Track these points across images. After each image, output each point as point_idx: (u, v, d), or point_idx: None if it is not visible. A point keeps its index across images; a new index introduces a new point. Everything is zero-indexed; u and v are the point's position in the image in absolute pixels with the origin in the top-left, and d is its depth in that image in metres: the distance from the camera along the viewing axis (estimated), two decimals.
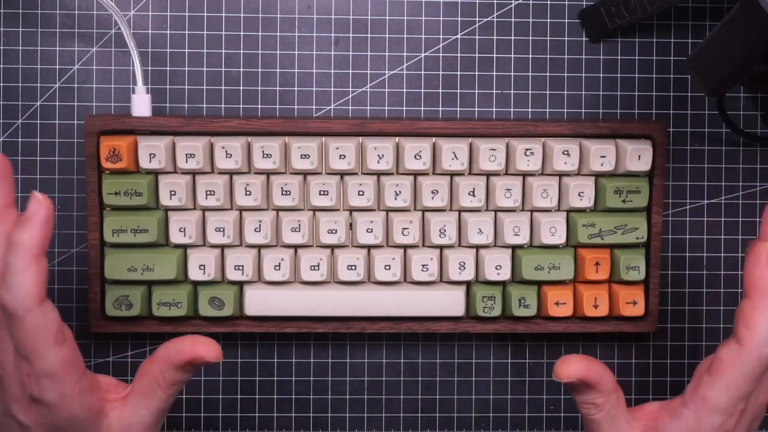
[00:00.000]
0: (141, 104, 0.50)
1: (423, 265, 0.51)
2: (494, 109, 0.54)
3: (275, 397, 0.55)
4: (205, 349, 0.43)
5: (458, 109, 0.54)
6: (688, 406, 0.44)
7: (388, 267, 0.51)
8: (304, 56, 0.53)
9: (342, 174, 0.51)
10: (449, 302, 0.51)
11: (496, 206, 0.51)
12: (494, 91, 0.54)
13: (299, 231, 0.51)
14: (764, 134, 0.55)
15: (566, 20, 0.54)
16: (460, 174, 0.51)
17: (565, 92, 0.54)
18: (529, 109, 0.54)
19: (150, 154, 0.50)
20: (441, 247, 0.52)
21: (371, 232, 0.51)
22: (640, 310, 0.52)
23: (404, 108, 0.54)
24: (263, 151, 0.50)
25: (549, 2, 0.54)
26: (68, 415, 0.42)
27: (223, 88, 0.53)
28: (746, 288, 0.43)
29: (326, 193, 0.51)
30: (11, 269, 0.39)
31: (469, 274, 0.51)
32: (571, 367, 0.44)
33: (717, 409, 0.43)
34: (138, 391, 0.44)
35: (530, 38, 0.54)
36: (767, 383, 0.45)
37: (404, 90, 0.54)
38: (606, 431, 0.45)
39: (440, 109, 0.54)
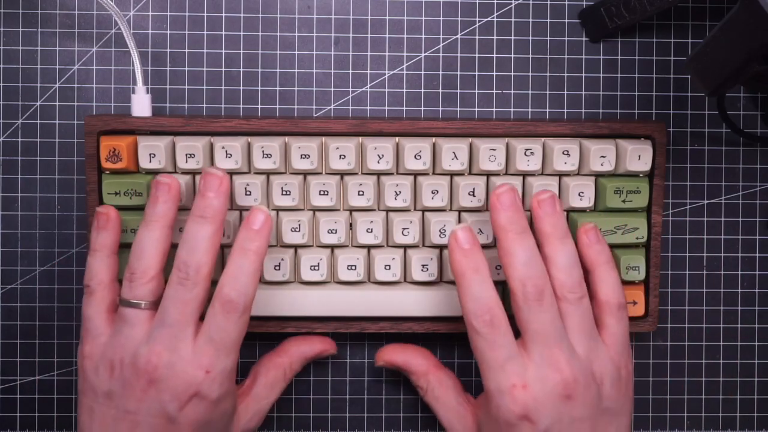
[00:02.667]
0: (141, 104, 0.50)
1: (423, 265, 0.51)
2: (494, 109, 0.54)
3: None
4: (329, 345, 0.53)
5: (458, 109, 0.54)
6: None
7: (388, 267, 0.51)
8: (304, 56, 0.53)
9: (342, 174, 0.51)
10: (449, 302, 0.51)
11: None
12: (494, 91, 0.54)
13: (299, 231, 0.51)
14: (764, 134, 0.55)
15: (566, 20, 0.54)
16: (460, 174, 0.51)
17: (565, 92, 0.54)
18: (529, 109, 0.54)
19: (150, 154, 0.50)
20: (441, 247, 0.52)
21: (371, 232, 0.51)
22: (640, 310, 0.52)
23: (404, 108, 0.54)
24: (263, 151, 0.50)
25: (549, 2, 0.54)
26: (223, 411, 0.46)
27: (223, 88, 0.53)
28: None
29: (326, 193, 0.51)
30: (243, 271, 0.45)
31: None
32: (384, 353, 0.52)
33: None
34: (264, 383, 0.50)
35: (530, 38, 0.54)
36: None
37: (404, 90, 0.54)
38: (439, 412, 0.50)
39: (440, 109, 0.54)
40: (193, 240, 0.45)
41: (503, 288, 0.52)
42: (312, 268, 0.51)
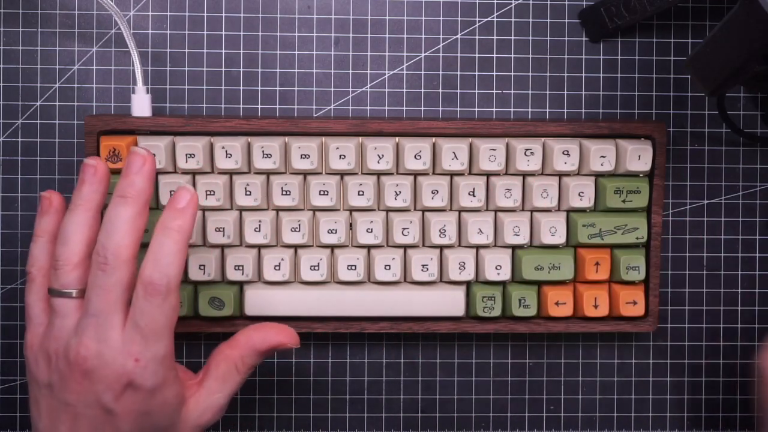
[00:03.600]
0: (141, 104, 0.50)
1: (423, 265, 0.51)
2: (494, 109, 0.54)
3: (275, 397, 0.55)
4: (288, 337, 0.47)
5: (458, 109, 0.54)
6: None
7: (388, 267, 0.51)
8: (304, 56, 0.53)
9: (342, 174, 0.51)
10: (449, 302, 0.51)
11: (496, 206, 0.51)
12: (494, 91, 0.54)
13: (299, 231, 0.51)
14: (764, 134, 0.55)
15: (566, 20, 0.54)
16: (460, 174, 0.51)
17: (565, 92, 0.54)
18: (529, 109, 0.54)
19: None
20: (441, 247, 0.52)
21: (371, 232, 0.51)
22: (640, 310, 0.52)
23: (404, 108, 0.54)
24: (263, 151, 0.50)
25: (549, 2, 0.54)
26: (162, 400, 0.44)
27: (223, 88, 0.53)
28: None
29: (326, 193, 0.51)
30: (164, 249, 0.43)
31: (469, 274, 0.51)
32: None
33: None
34: (215, 375, 0.47)
35: (530, 38, 0.54)
36: None
37: (404, 90, 0.54)
38: None
39: (440, 109, 0.54)
40: (111, 222, 0.43)
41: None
42: (312, 268, 0.51)
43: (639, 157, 0.50)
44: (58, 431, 0.44)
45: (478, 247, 0.52)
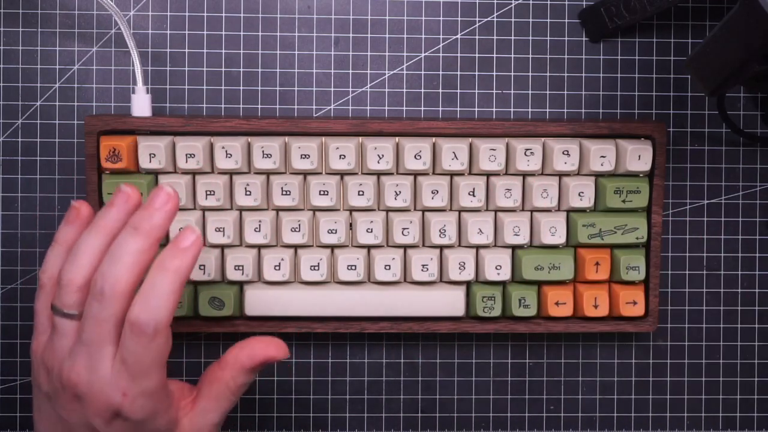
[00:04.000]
0: (141, 104, 0.50)
1: (423, 265, 0.51)
2: (494, 109, 0.54)
3: (275, 397, 0.55)
4: (276, 350, 0.45)
5: (458, 109, 0.54)
6: None
7: (388, 267, 0.51)
8: (304, 56, 0.53)
9: (342, 174, 0.51)
10: (449, 302, 0.51)
11: (496, 206, 0.51)
12: (494, 91, 0.54)
13: (299, 231, 0.51)
14: (764, 134, 0.55)
15: (566, 20, 0.54)
16: (460, 174, 0.51)
17: (565, 92, 0.54)
18: (529, 109, 0.54)
19: (150, 154, 0.50)
20: (441, 247, 0.52)
21: (371, 232, 0.51)
22: (640, 310, 0.52)
23: (404, 108, 0.54)
24: (263, 151, 0.50)
25: (549, 2, 0.54)
26: (155, 428, 0.43)
27: (223, 88, 0.53)
28: None
29: (326, 193, 0.51)
30: (156, 290, 0.40)
31: (469, 274, 0.51)
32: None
33: None
34: (208, 395, 0.45)
35: (530, 38, 0.54)
36: None
37: (404, 90, 0.54)
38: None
39: (440, 109, 0.54)
40: (117, 252, 0.41)
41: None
42: (312, 268, 0.51)
43: (639, 157, 0.50)
44: None
45: (478, 247, 0.52)
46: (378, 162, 0.50)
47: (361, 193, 0.51)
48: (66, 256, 0.44)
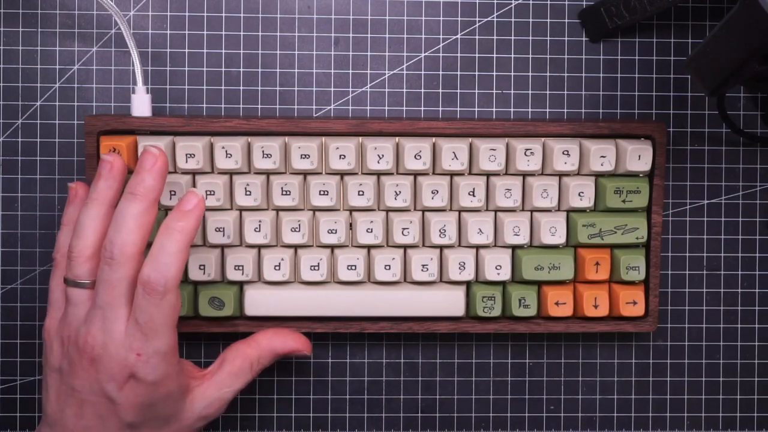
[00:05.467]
0: (141, 104, 0.50)
1: (423, 265, 0.51)
2: (494, 109, 0.54)
3: (275, 397, 0.55)
4: (304, 344, 0.50)
5: (458, 109, 0.54)
6: None
7: (388, 267, 0.51)
8: (304, 56, 0.53)
9: (342, 174, 0.51)
10: (449, 302, 0.51)
11: (496, 206, 0.51)
12: (494, 91, 0.54)
13: (299, 231, 0.51)
14: (764, 134, 0.55)
15: (566, 20, 0.54)
16: (460, 174, 0.51)
17: (565, 92, 0.54)
18: (529, 109, 0.54)
19: None
20: (441, 247, 0.52)
21: (371, 232, 0.51)
22: (640, 310, 0.52)
23: (404, 108, 0.54)
24: (263, 151, 0.50)
25: (549, 2, 0.54)
26: (165, 393, 0.45)
27: (223, 88, 0.53)
28: None
29: (326, 193, 0.51)
30: (164, 250, 0.43)
31: (469, 274, 0.51)
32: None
33: None
34: (228, 370, 0.49)
35: (530, 38, 0.54)
36: None
37: (404, 90, 0.54)
38: None
39: (440, 109, 0.54)
40: (120, 218, 0.44)
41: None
42: (312, 268, 0.51)
43: (639, 157, 0.50)
44: (64, 415, 0.45)
45: (478, 247, 0.52)
46: (378, 162, 0.50)
47: (361, 193, 0.51)
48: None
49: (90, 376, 0.44)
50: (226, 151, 0.50)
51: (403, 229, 0.51)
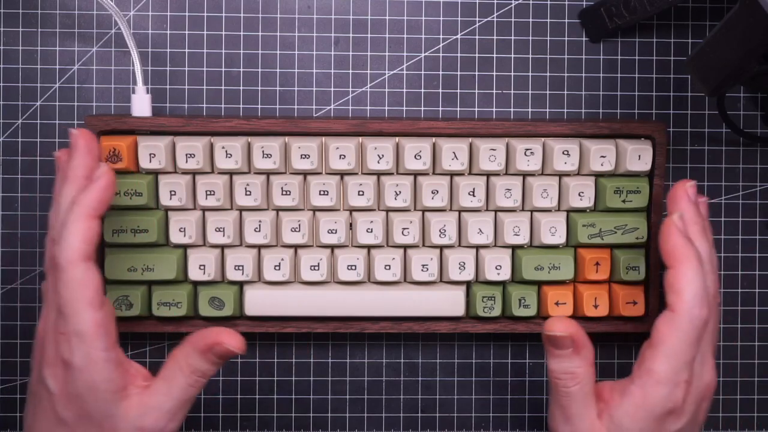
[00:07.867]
0: (141, 104, 0.50)
1: (423, 265, 0.51)
2: (494, 109, 0.54)
3: (275, 397, 0.55)
4: (227, 337, 0.45)
5: (458, 109, 0.54)
6: (635, 382, 0.45)
7: (388, 267, 0.51)
8: (304, 56, 0.53)
9: (342, 174, 0.51)
10: (449, 302, 0.51)
11: (496, 206, 0.51)
12: (494, 91, 0.54)
13: (299, 231, 0.51)
14: (764, 134, 0.55)
15: (566, 20, 0.54)
16: (460, 174, 0.51)
17: (565, 92, 0.54)
18: (529, 109, 0.54)
19: (150, 154, 0.50)
20: (441, 247, 0.52)
21: (371, 232, 0.51)
22: (640, 310, 0.52)
23: (404, 108, 0.54)
24: (263, 151, 0.50)
25: (549, 2, 0.54)
26: (89, 382, 0.43)
27: (223, 88, 0.53)
28: (665, 260, 0.45)
29: (326, 193, 0.51)
30: (65, 226, 0.42)
31: (469, 274, 0.51)
32: (564, 322, 0.46)
33: (661, 379, 0.44)
34: (162, 376, 0.45)
35: (530, 38, 0.54)
36: (709, 360, 0.46)
37: (404, 90, 0.54)
38: (575, 408, 0.46)
39: (440, 109, 0.54)
40: (63, 203, 0.45)
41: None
42: (312, 268, 0.51)
43: (639, 157, 0.50)
44: (26, 413, 0.46)
45: (478, 247, 0.52)
46: (378, 162, 0.50)
47: (361, 193, 0.51)
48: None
49: (37, 366, 0.45)
50: (226, 151, 0.50)
51: (403, 229, 0.51)
